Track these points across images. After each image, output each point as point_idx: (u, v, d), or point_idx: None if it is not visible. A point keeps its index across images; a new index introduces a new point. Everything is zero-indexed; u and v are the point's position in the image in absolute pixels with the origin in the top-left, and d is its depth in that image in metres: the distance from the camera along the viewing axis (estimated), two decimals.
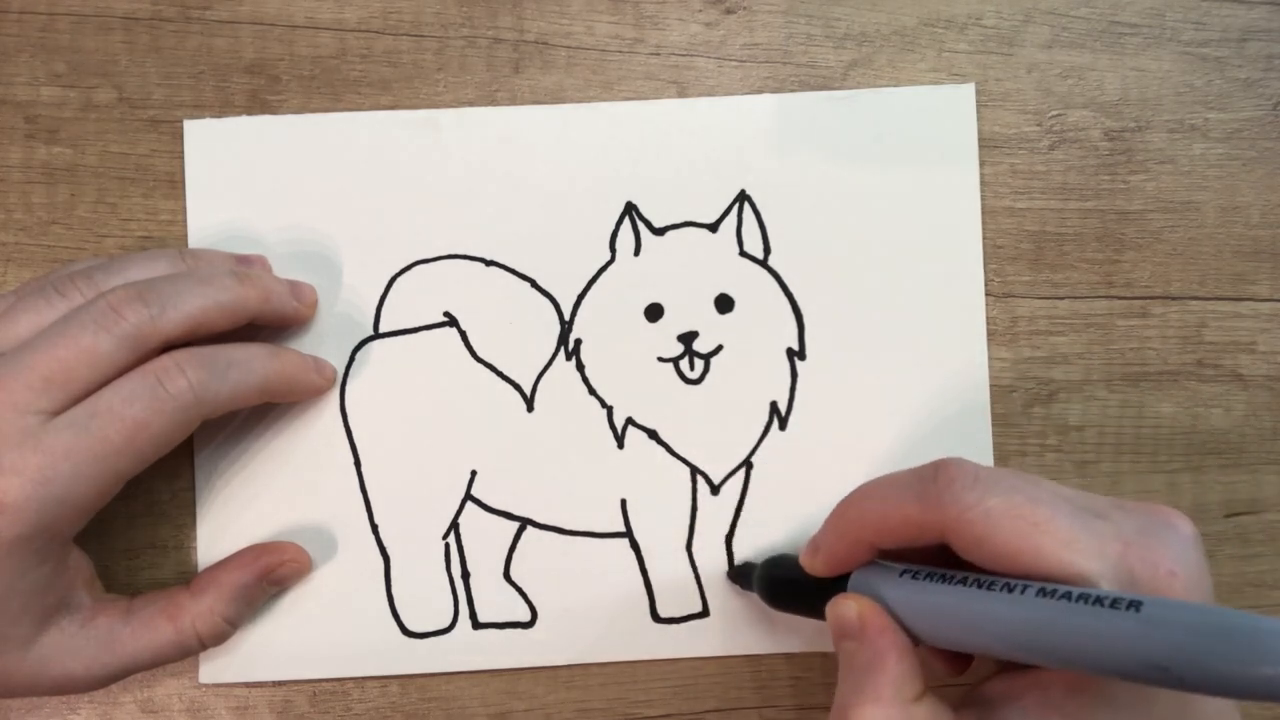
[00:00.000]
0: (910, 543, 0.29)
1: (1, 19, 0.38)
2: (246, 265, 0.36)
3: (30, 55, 0.38)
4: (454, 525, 0.37)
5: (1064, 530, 0.26)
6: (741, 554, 0.37)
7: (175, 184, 0.38)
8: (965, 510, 0.27)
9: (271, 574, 0.36)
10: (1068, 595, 0.24)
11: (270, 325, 0.36)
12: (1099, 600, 0.24)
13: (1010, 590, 0.26)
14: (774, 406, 0.38)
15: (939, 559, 0.29)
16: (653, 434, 0.38)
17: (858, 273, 0.38)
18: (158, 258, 0.34)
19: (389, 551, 0.37)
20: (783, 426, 0.38)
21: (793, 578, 0.33)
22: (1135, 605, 0.23)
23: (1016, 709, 0.27)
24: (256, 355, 0.34)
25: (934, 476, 0.28)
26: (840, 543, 0.31)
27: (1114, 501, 0.28)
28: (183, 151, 0.38)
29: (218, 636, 0.34)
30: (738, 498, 0.38)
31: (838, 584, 0.31)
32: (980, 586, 0.26)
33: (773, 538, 0.37)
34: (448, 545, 0.37)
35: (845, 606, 0.29)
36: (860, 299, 0.38)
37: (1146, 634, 0.23)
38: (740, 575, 0.37)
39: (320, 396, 0.37)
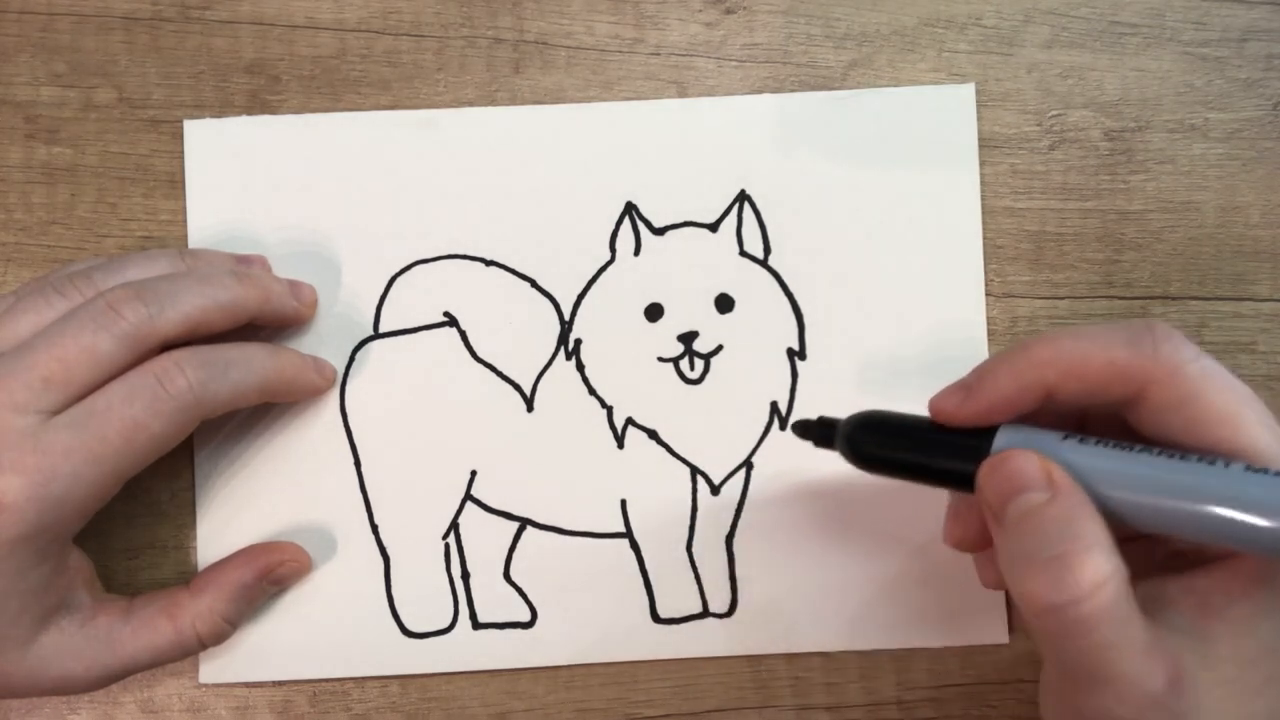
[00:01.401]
0: (1097, 395, 0.27)
1: (1, 19, 0.38)
2: (246, 265, 0.36)
3: (30, 55, 0.38)
4: (454, 525, 0.37)
5: (1267, 415, 0.25)
6: (742, 555, 0.37)
7: (175, 184, 0.38)
8: (1184, 362, 0.26)
9: (271, 573, 0.36)
10: None
11: (270, 325, 0.36)
12: None
13: (1211, 464, 0.24)
14: (774, 406, 0.38)
15: (1097, 430, 0.28)
16: (653, 434, 0.37)
17: (858, 273, 0.38)
18: (157, 258, 0.34)
19: (389, 551, 0.37)
20: (783, 426, 0.38)
21: (911, 427, 0.29)
22: None
23: (1177, 613, 0.26)
24: (256, 355, 0.34)
25: (1148, 327, 0.27)
26: (1012, 383, 0.27)
27: None
28: (183, 151, 0.38)
29: (218, 636, 0.34)
30: (738, 498, 0.38)
31: (971, 441, 0.28)
32: (1171, 457, 0.25)
33: (773, 538, 0.37)
34: (448, 545, 0.37)
35: (1025, 459, 0.26)
36: (860, 299, 0.38)
37: None
38: (811, 431, 0.32)
39: (320, 396, 0.37)
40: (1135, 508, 0.25)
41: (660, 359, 0.38)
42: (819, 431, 0.31)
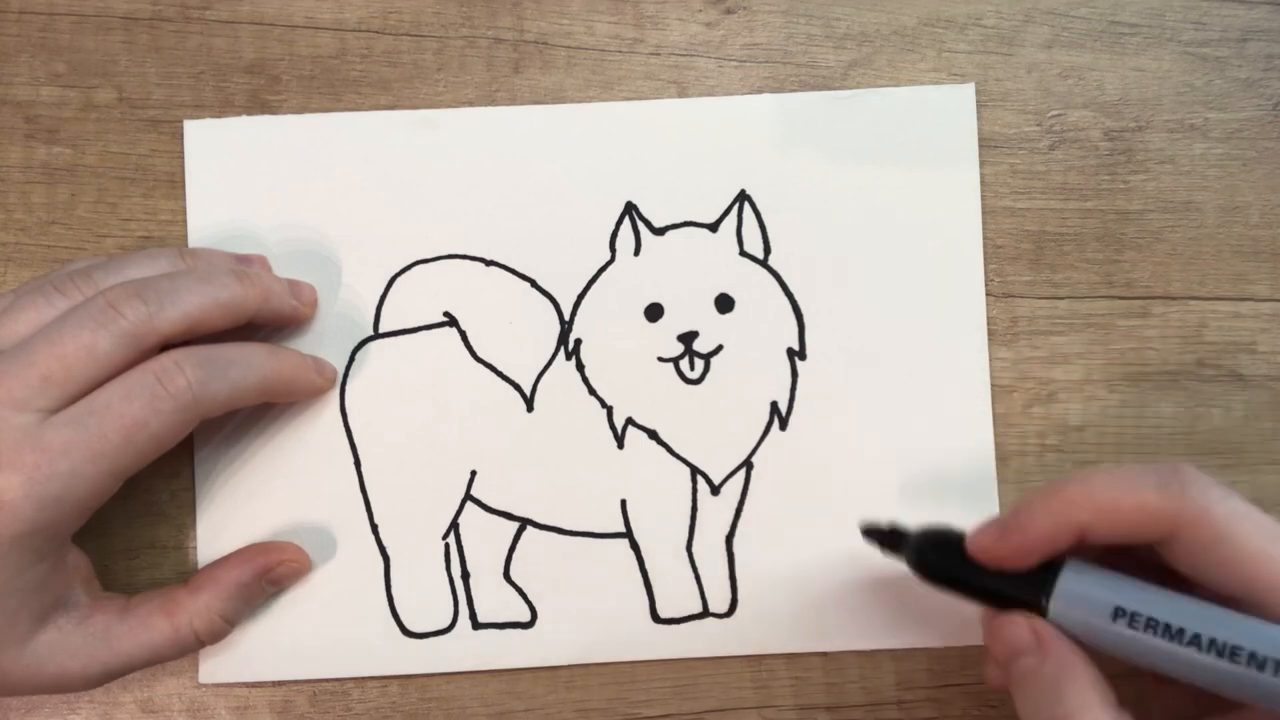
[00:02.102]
0: (1129, 536, 0.28)
1: (1, 19, 0.38)
2: (246, 264, 0.36)
3: (30, 55, 0.38)
4: (454, 525, 0.37)
5: None
6: (742, 555, 0.37)
7: (175, 184, 0.38)
8: (1212, 504, 0.27)
9: (270, 573, 0.36)
10: None
11: (270, 324, 0.36)
12: None
13: (1261, 668, 0.25)
14: (774, 406, 0.38)
15: (1134, 565, 0.29)
16: (653, 434, 0.37)
17: (858, 273, 0.38)
18: (157, 256, 0.34)
19: (389, 551, 0.37)
20: (783, 426, 0.38)
21: (961, 556, 0.31)
22: None
23: None
24: (256, 355, 0.34)
25: (1175, 470, 0.28)
26: (1047, 523, 0.29)
27: None
28: (183, 151, 0.38)
29: (215, 634, 0.34)
30: (738, 498, 0.38)
31: (1037, 575, 0.29)
32: (1220, 655, 0.25)
33: (773, 538, 0.37)
34: (448, 545, 0.37)
35: (1016, 626, 0.29)
36: (860, 299, 0.38)
37: None
38: (884, 538, 0.33)
39: (320, 397, 0.37)
40: (1169, 662, 0.27)
41: (660, 359, 0.38)
42: (888, 539, 0.33)
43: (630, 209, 0.38)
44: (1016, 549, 0.29)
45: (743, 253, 0.38)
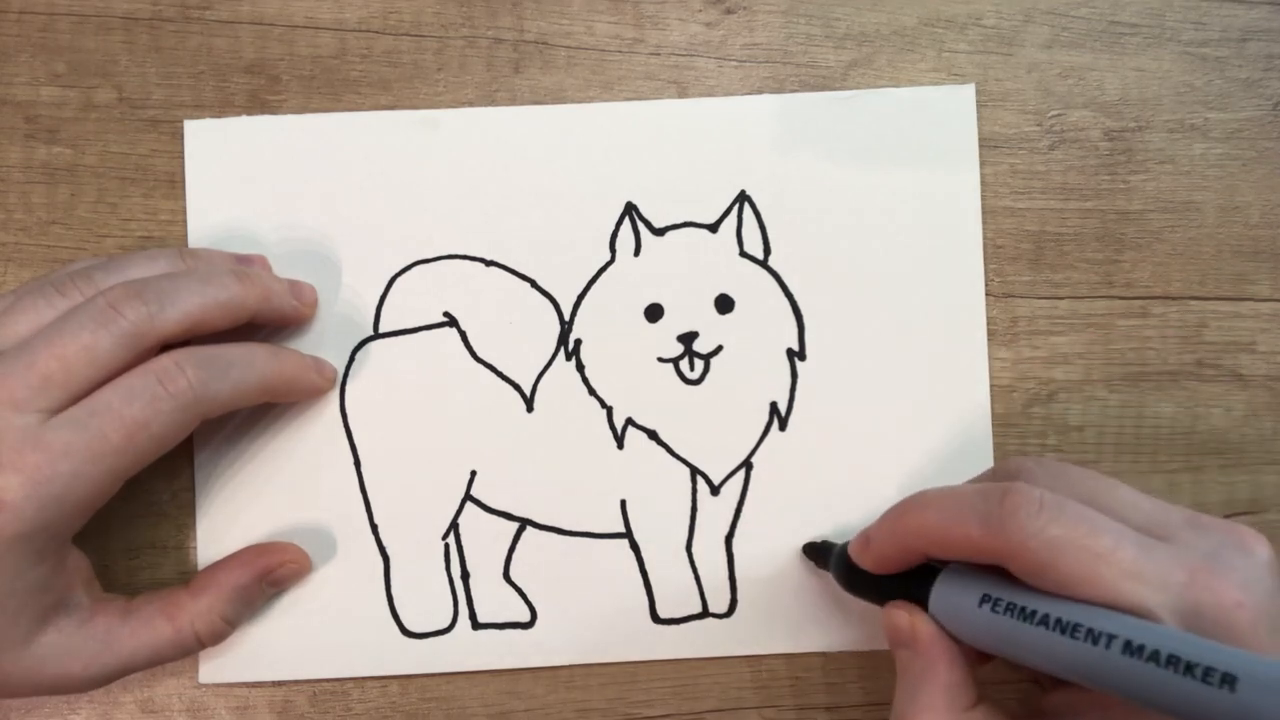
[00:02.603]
0: (965, 559, 0.29)
1: (1, 19, 0.38)
2: (246, 264, 0.36)
3: (30, 55, 0.38)
4: (454, 525, 0.37)
5: (1127, 561, 0.26)
6: (742, 555, 0.37)
7: (175, 184, 0.38)
8: (1028, 539, 0.27)
9: (271, 575, 0.36)
10: (1156, 657, 0.24)
11: (270, 324, 0.36)
12: (1190, 669, 0.23)
13: (1095, 642, 0.25)
14: (774, 407, 0.38)
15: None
16: (653, 434, 0.37)
17: (858, 273, 0.38)
18: (157, 257, 0.34)
19: (389, 552, 0.37)
20: (783, 426, 0.38)
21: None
22: (1230, 682, 0.23)
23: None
24: (257, 355, 0.34)
25: (999, 500, 0.28)
26: (891, 545, 0.31)
27: (1189, 517, 0.28)
28: (183, 151, 0.38)
29: (216, 636, 0.34)
30: (738, 498, 0.38)
31: (913, 578, 0.31)
32: (1064, 632, 0.26)
33: (773, 538, 0.37)
34: (447, 545, 0.37)
35: (897, 615, 0.31)
36: (860, 299, 0.38)
37: (1242, 714, 0.22)
38: (816, 552, 0.36)
39: (321, 397, 0.37)
40: (1019, 659, 0.28)
41: (660, 359, 0.38)
42: (819, 554, 0.36)
43: (630, 209, 0.38)
44: (875, 561, 0.32)
45: (743, 253, 0.38)
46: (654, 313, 0.38)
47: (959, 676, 0.29)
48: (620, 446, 0.38)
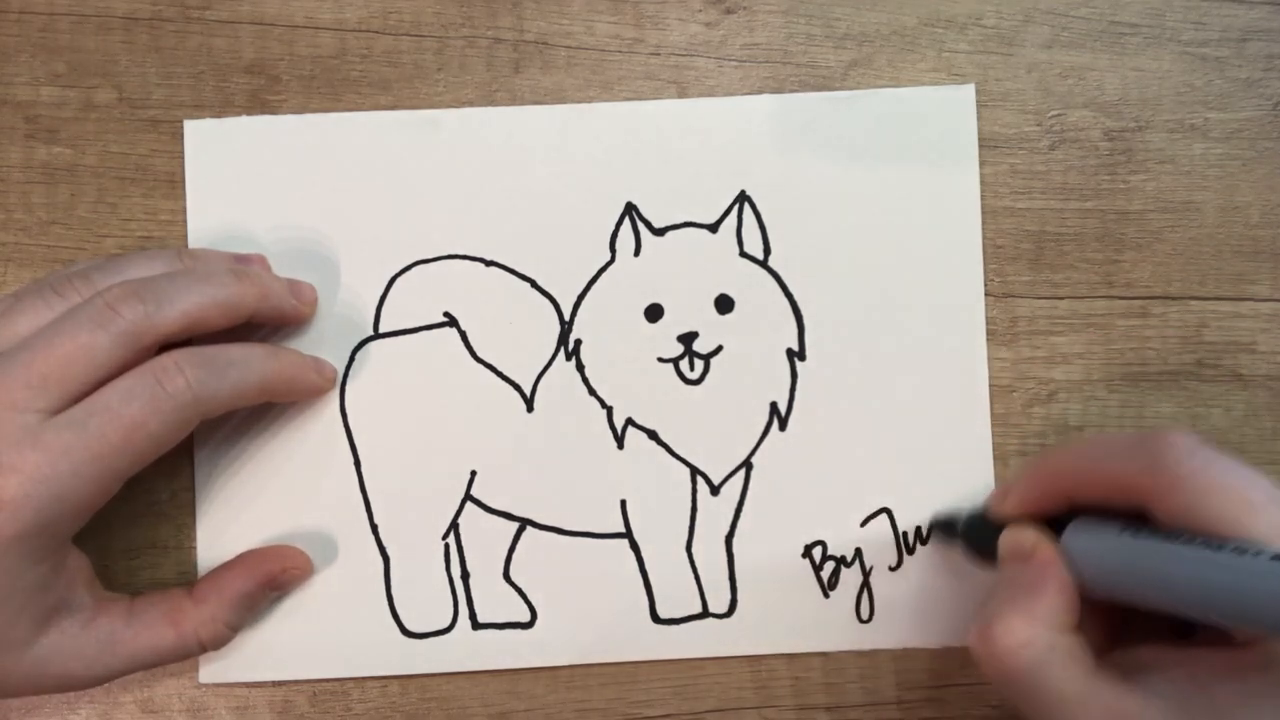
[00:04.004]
0: (1109, 502, 0.30)
1: (1, 19, 0.38)
2: (245, 264, 0.36)
3: (30, 55, 0.38)
4: (454, 525, 0.37)
5: (1278, 518, 0.26)
6: (742, 555, 0.37)
7: (175, 184, 0.38)
8: (1184, 477, 0.27)
9: (274, 581, 0.36)
10: None
11: (269, 324, 0.36)
12: None
13: (1243, 553, 0.25)
14: (774, 407, 0.38)
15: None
16: (653, 434, 0.37)
17: (858, 273, 0.38)
18: (156, 257, 0.34)
19: (389, 552, 0.37)
20: (783, 427, 0.38)
21: (995, 529, 0.33)
22: None
23: (1163, 679, 0.28)
24: (256, 355, 0.34)
25: (1156, 440, 0.29)
26: (1036, 487, 0.32)
27: None
28: (183, 151, 0.38)
29: (219, 642, 0.35)
30: (738, 498, 0.38)
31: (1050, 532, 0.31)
32: (1209, 548, 0.26)
33: (773, 538, 0.37)
34: (447, 545, 0.37)
35: (1023, 533, 0.31)
36: (860, 299, 0.38)
37: None
38: (946, 527, 0.37)
39: (320, 397, 0.37)
40: (1150, 592, 0.28)
41: (660, 359, 0.38)
42: (947, 526, 0.37)
43: (630, 209, 0.38)
44: (1015, 508, 0.32)
45: (743, 253, 0.38)
46: (654, 313, 0.38)
47: (1065, 601, 0.29)
48: (620, 446, 0.38)
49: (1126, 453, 0.29)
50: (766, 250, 0.38)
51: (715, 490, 0.37)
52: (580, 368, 0.38)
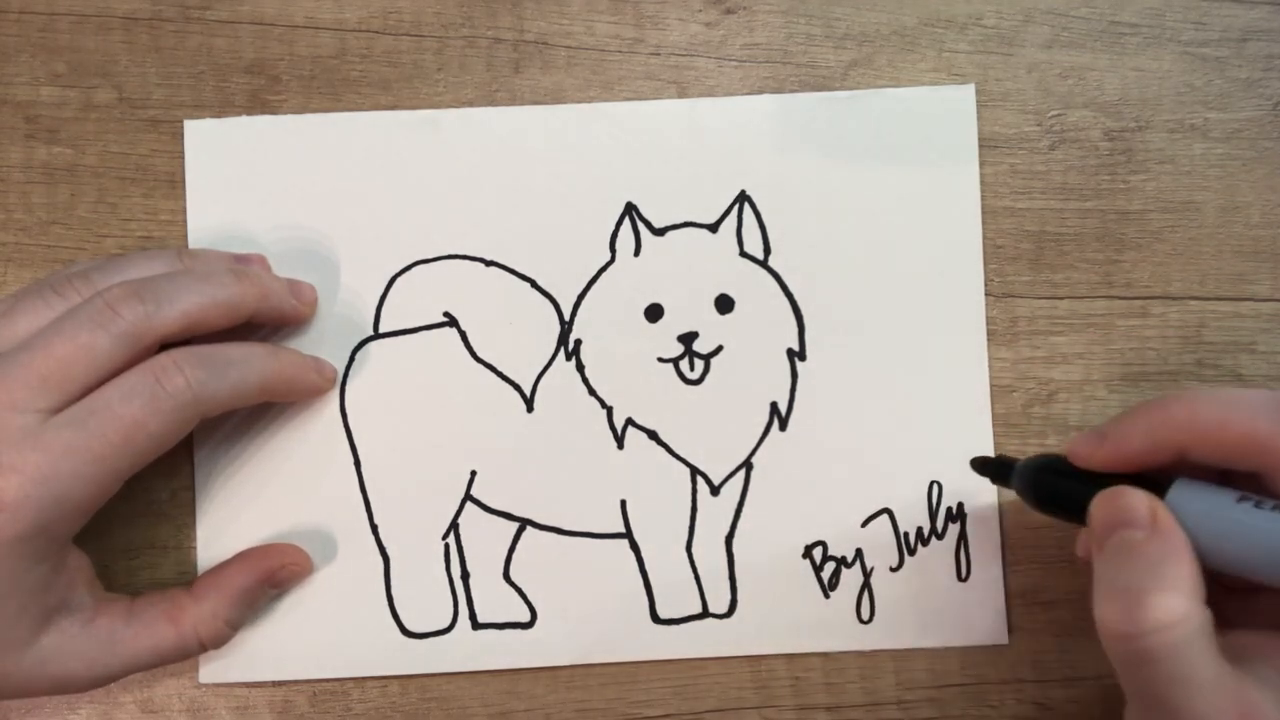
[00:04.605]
0: (1231, 462, 0.28)
1: (1, 19, 0.38)
2: (245, 264, 0.36)
3: (30, 55, 0.38)
4: (454, 525, 0.37)
5: None
6: (742, 555, 0.37)
7: (175, 184, 0.38)
8: None
9: (273, 577, 0.36)
10: None
11: (269, 324, 0.36)
12: None
13: None
14: (774, 407, 0.38)
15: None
16: (653, 434, 0.37)
17: (858, 273, 0.38)
18: (156, 257, 0.34)
19: (389, 552, 0.37)
20: (783, 427, 0.38)
21: (1072, 475, 0.31)
22: None
23: (1270, 668, 0.27)
24: (256, 354, 0.34)
25: None
26: (1143, 438, 0.29)
27: None
28: (183, 151, 0.38)
29: (219, 640, 0.34)
30: (738, 498, 0.38)
31: (1140, 485, 0.29)
32: None
33: (773, 538, 0.37)
34: (447, 545, 0.37)
35: (1133, 495, 0.28)
36: (860, 299, 0.38)
37: None
38: (993, 468, 0.34)
39: (320, 396, 0.37)
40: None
41: (660, 359, 0.38)
42: (995, 469, 0.34)
43: (630, 209, 0.38)
44: (1111, 456, 0.30)
45: (743, 253, 0.38)
46: (654, 313, 0.38)
47: (1198, 570, 0.27)
48: (620, 446, 0.38)
49: (1264, 411, 0.27)
50: (766, 250, 0.38)
51: (715, 490, 0.37)
52: (580, 368, 0.38)
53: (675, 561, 0.37)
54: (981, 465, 0.35)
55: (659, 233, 0.38)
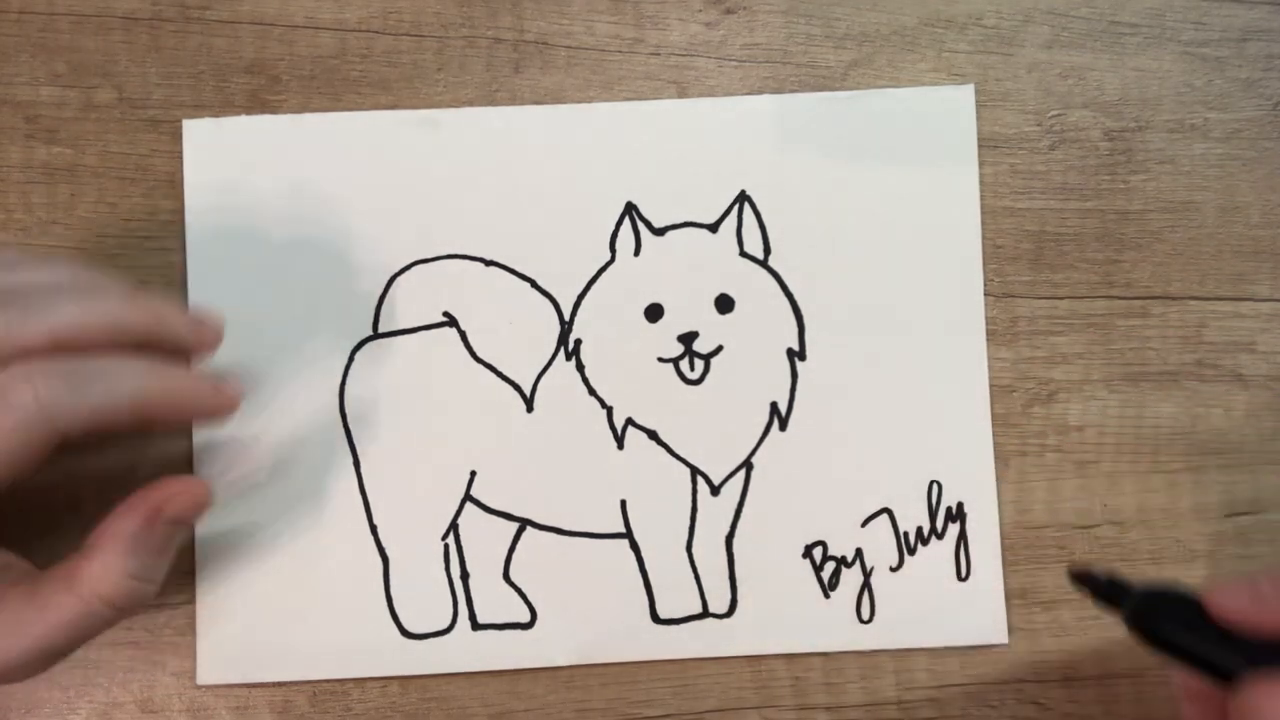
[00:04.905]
0: None
1: (1, 19, 0.38)
2: (199, 322, 0.33)
3: (30, 55, 0.38)
4: (453, 526, 0.37)
5: None
6: (742, 555, 0.37)
7: (175, 184, 0.38)
8: None
9: (162, 514, 0.31)
10: None
11: (165, 351, 0.32)
12: None
13: None
14: (774, 407, 0.38)
15: None
16: (653, 434, 0.37)
17: (858, 273, 0.38)
18: (48, 264, 0.31)
19: (388, 552, 0.37)
20: (783, 427, 0.38)
21: (1208, 627, 0.26)
22: None
23: None
24: (130, 370, 0.30)
25: None
26: None
27: None
28: (183, 151, 0.38)
29: (129, 596, 0.30)
30: (738, 498, 0.38)
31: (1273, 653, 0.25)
32: None
33: (773, 538, 0.37)
34: (447, 546, 0.37)
35: None
36: (860, 299, 0.38)
37: None
38: (1098, 587, 0.29)
39: (311, 400, 0.36)
40: None
41: (660, 359, 0.38)
42: (1103, 590, 0.28)
43: (630, 209, 0.38)
44: (1270, 623, 0.25)
45: (743, 253, 0.38)
46: (654, 313, 0.38)
47: None
48: (620, 446, 0.38)
49: None
50: (766, 250, 0.38)
51: (715, 490, 0.37)
52: (580, 368, 0.38)
53: (675, 561, 0.37)
54: (1085, 581, 0.29)
55: (659, 232, 0.38)
